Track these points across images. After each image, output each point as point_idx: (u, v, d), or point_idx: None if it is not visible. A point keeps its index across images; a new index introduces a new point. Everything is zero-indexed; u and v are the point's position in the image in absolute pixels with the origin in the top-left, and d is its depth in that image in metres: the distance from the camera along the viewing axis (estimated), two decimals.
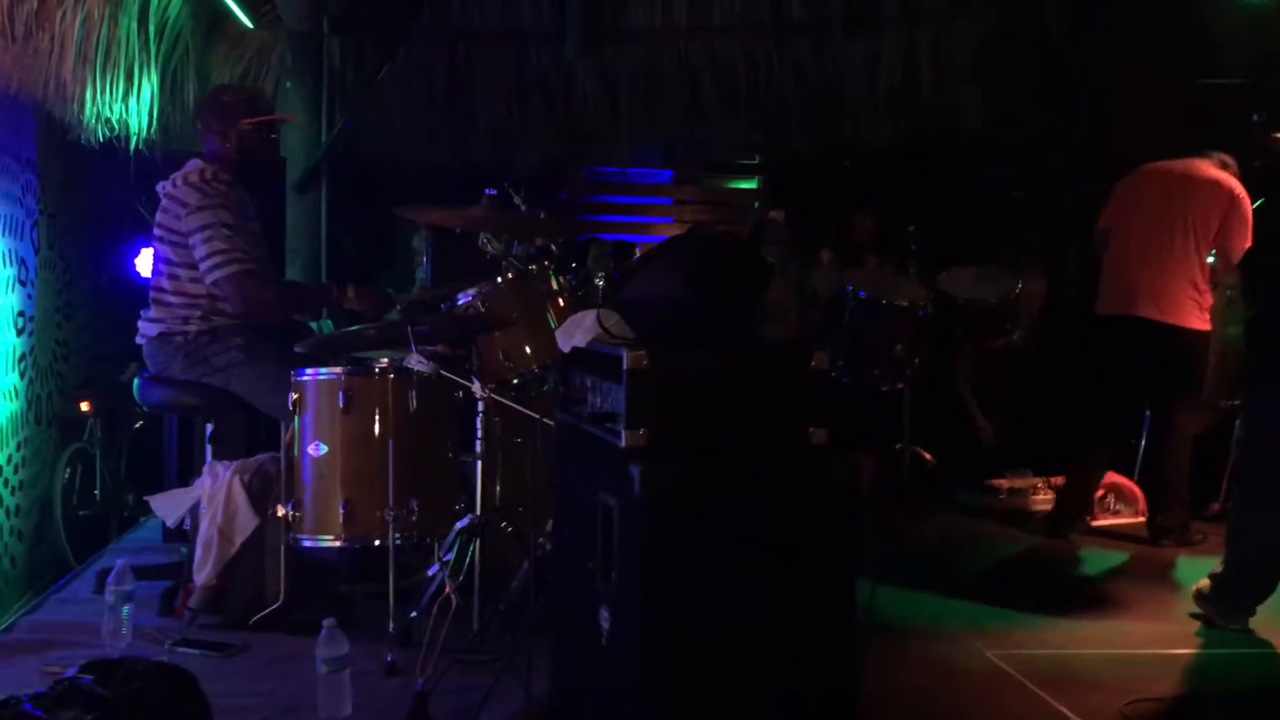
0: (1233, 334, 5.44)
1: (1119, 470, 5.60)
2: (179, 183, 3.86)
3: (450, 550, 3.51)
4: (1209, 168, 5.01)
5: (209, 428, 4.04)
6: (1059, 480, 5.53)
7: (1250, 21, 6.19)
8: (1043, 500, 5.75)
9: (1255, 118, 5.36)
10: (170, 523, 4.04)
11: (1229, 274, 5.08)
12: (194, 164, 3.92)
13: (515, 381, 3.90)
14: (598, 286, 4.07)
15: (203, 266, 3.76)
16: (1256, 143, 5.19)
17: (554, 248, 4.29)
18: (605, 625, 2.56)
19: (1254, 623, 3.89)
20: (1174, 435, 5.11)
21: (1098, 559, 4.97)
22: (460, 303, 3.87)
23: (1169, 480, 5.14)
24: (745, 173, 9.11)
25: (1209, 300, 5.01)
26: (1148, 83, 6.56)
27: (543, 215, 4.16)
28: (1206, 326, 5.00)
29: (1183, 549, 5.04)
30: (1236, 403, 5.28)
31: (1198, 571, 4.19)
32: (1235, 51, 6.45)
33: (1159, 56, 6.54)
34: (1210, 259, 5.03)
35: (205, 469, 3.86)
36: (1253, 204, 4.33)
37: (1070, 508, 5.33)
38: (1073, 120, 6.99)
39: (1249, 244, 4.92)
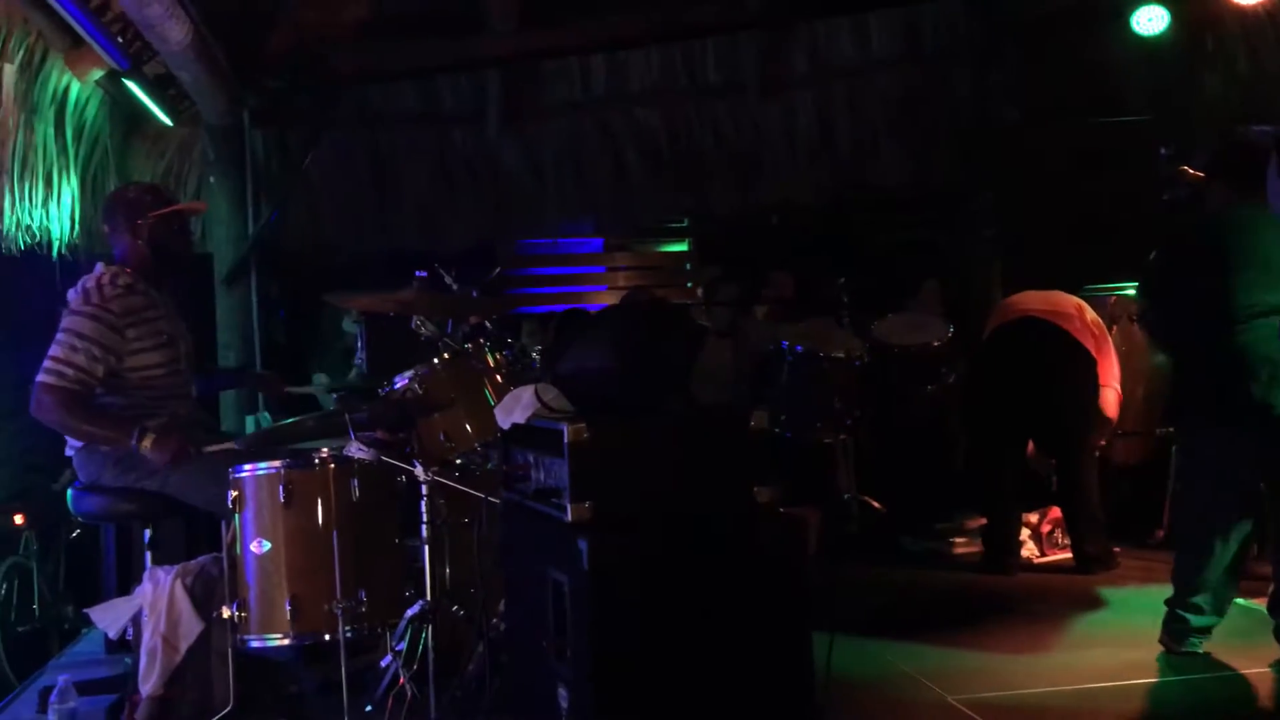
0: (1160, 362, 5.58)
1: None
2: (79, 287, 3.79)
3: (402, 639, 3.45)
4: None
5: (147, 533, 3.95)
6: None
7: (1148, 57, 6.42)
8: None
9: (1163, 151, 5.54)
10: (112, 634, 3.91)
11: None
12: (99, 268, 3.83)
13: (458, 462, 3.87)
14: (534, 360, 4.07)
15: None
16: (1164, 176, 5.36)
17: (488, 324, 4.29)
18: (564, 704, 2.53)
19: (1212, 646, 3.93)
20: (1081, 461, 5.25)
21: (1047, 594, 5.01)
22: (397, 386, 3.84)
23: (1084, 506, 5.25)
24: (674, 235, 9.20)
25: (1106, 341, 5.26)
26: (1054, 127, 6.76)
27: (475, 294, 4.17)
28: (1094, 355, 5.24)
29: (1117, 575, 5.13)
30: (1171, 430, 5.40)
31: (1144, 600, 4.24)
32: (1136, 88, 6.68)
33: (1063, 100, 6.75)
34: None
35: (145, 575, 3.76)
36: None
37: (998, 545, 5.41)
38: (986, 168, 7.17)
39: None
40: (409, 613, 3.47)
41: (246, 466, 3.54)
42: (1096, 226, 6.33)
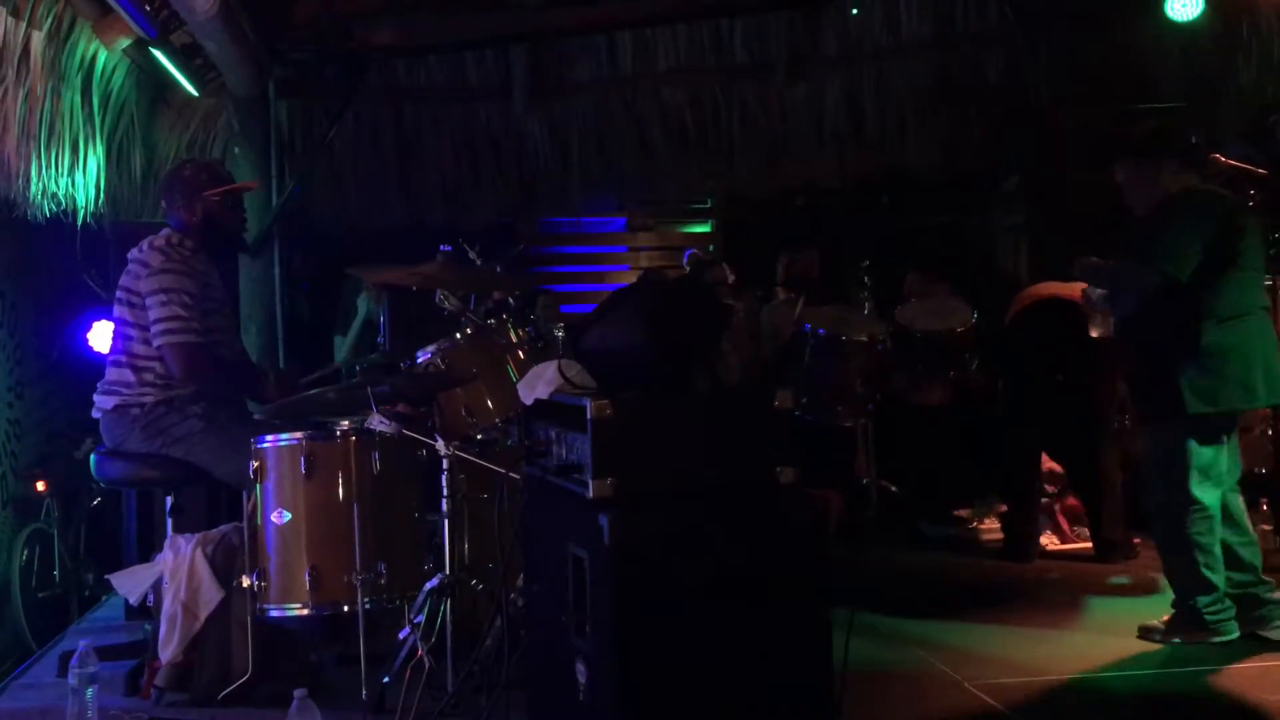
0: None
1: None
2: (145, 247, 3.88)
3: (421, 612, 3.45)
4: None
5: (169, 501, 3.98)
6: None
7: (1181, 44, 6.34)
8: None
9: (1193, 139, 5.47)
10: (133, 600, 3.95)
11: None
12: (165, 231, 3.94)
13: (479, 437, 3.87)
14: (558, 337, 4.05)
15: (154, 329, 3.75)
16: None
17: (511, 300, 4.28)
18: (582, 679, 2.53)
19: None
20: (1102, 447, 5.21)
21: (1065, 582, 4.99)
22: (419, 360, 3.84)
23: (1105, 493, 5.22)
24: (698, 216, 9.17)
25: None
26: (1085, 113, 6.69)
27: (499, 269, 4.16)
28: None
29: (1136, 564, 5.11)
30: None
31: (1163, 589, 4.20)
32: (1169, 75, 6.60)
33: (1094, 86, 6.68)
34: None
35: (166, 543, 3.78)
36: None
37: (1017, 532, 5.38)
38: (1016, 153, 7.11)
39: None
40: (428, 586, 3.48)
41: (268, 437, 3.56)
42: (1125, 213, 6.26)
